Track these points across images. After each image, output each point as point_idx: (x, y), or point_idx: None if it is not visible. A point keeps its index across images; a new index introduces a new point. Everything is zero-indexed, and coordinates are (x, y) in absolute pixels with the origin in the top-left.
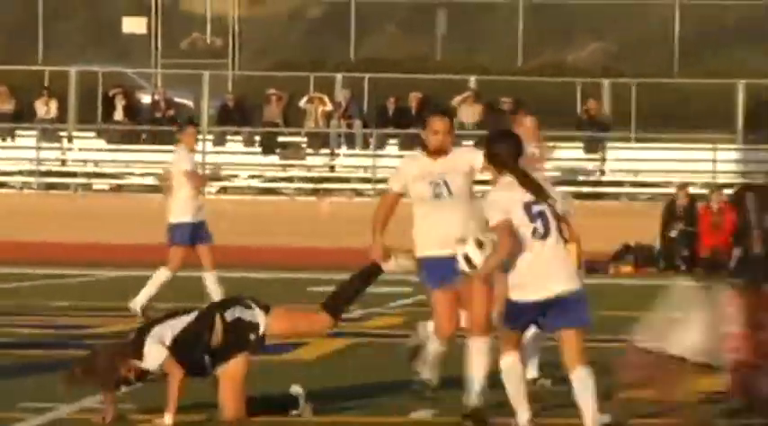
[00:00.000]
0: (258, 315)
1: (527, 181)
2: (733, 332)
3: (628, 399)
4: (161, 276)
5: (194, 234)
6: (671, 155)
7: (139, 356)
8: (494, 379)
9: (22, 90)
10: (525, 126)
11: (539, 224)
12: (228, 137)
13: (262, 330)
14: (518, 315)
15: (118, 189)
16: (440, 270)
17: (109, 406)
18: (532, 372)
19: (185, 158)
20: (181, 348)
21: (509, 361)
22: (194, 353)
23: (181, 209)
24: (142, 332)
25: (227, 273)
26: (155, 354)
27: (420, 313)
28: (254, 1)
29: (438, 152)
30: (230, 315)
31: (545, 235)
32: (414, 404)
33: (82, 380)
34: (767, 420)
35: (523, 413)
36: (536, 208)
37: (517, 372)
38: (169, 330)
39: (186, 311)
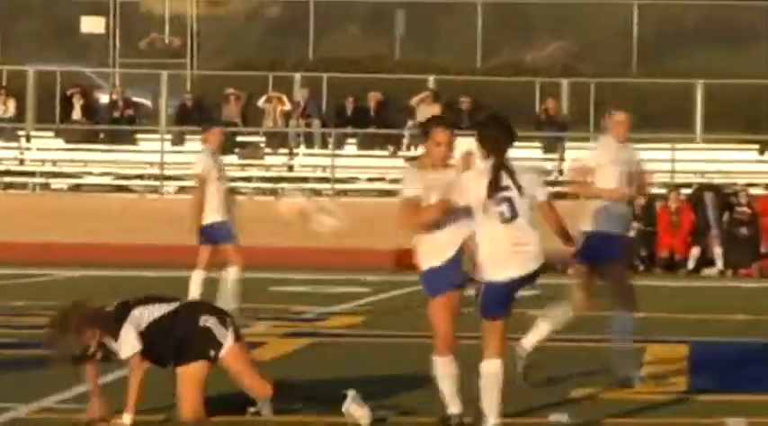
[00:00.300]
0: (226, 339)
1: (494, 172)
2: None
3: (601, 399)
4: (232, 276)
5: (230, 231)
6: None
7: (111, 332)
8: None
9: None
10: (616, 120)
11: (504, 208)
12: (187, 137)
13: (219, 353)
14: (496, 299)
15: (76, 188)
16: (432, 281)
17: (96, 401)
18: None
19: (202, 160)
20: (153, 335)
21: (491, 367)
22: (164, 343)
23: (208, 210)
24: (122, 312)
25: (188, 273)
26: (130, 343)
27: (377, 312)
28: (213, 1)
29: (437, 165)
30: (204, 320)
31: (513, 218)
32: (372, 404)
33: (51, 336)
34: None
35: (493, 420)
36: (502, 194)
37: (498, 380)
38: (147, 314)
39: (168, 300)
